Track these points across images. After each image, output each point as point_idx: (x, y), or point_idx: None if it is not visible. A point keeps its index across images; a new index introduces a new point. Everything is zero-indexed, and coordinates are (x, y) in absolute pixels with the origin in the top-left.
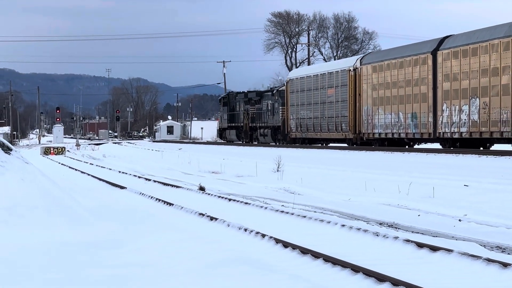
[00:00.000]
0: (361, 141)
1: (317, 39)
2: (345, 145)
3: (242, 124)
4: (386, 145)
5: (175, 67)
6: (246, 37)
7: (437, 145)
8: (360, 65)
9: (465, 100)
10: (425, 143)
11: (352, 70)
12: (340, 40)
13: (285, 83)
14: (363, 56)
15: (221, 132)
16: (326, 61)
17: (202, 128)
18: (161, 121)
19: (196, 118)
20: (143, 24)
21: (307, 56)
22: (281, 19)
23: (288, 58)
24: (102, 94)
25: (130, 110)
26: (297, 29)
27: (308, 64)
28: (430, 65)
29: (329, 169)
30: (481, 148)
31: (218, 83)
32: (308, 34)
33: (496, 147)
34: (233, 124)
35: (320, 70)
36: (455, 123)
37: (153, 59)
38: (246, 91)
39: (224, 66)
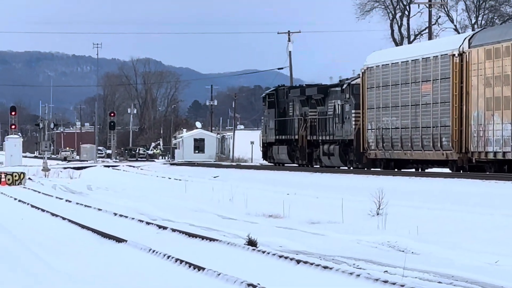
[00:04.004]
0: (469, 163)
1: None
2: (448, 170)
3: (296, 136)
4: (506, 171)
5: (207, 42)
6: None
7: None
8: (469, 47)
9: None
10: None
11: (457, 55)
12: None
13: (361, 73)
14: (474, 34)
15: (265, 149)
16: (459, 33)
17: (252, 143)
18: (185, 130)
19: (242, 126)
20: None
21: (427, 24)
22: None
23: (396, 26)
24: (86, 86)
25: (133, 113)
26: None
27: (429, 38)
28: None
29: (462, 210)
30: None
31: (279, 69)
32: None
33: None
34: (283, 137)
35: (411, 55)
36: None
37: (171, 29)
38: (303, 85)
39: (289, 40)
